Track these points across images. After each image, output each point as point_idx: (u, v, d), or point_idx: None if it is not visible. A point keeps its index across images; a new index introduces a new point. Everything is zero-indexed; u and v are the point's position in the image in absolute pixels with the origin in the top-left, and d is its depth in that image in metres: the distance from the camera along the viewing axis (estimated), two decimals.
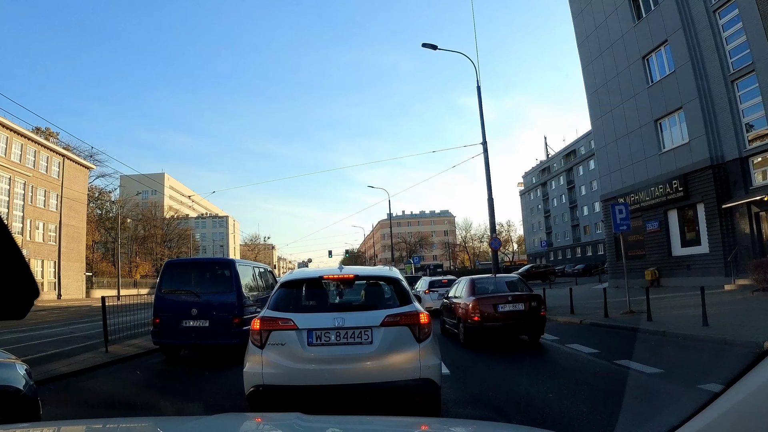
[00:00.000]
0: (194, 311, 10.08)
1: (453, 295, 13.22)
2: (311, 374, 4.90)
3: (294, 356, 4.91)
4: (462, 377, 8.01)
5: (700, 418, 1.15)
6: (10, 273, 1.13)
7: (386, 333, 4.99)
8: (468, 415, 5.62)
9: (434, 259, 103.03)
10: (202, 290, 10.45)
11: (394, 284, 5.58)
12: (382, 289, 5.71)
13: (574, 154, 79.78)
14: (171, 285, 10.65)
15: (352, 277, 5.65)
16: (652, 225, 23.32)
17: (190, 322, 10.06)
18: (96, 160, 58.24)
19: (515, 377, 7.90)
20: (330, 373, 4.89)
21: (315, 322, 5.02)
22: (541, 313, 11.25)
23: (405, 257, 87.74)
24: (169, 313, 10.21)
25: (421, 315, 5.17)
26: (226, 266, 11.02)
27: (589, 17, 28.01)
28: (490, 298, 11.44)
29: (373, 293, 5.79)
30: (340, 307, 5.84)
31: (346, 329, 4.97)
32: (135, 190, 71.62)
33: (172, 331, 10.12)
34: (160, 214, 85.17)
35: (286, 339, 4.97)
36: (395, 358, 4.97)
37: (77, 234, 53.33)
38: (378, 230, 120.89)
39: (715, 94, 20.17)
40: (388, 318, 5.05)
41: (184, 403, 6.89)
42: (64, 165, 50.80)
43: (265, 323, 5.07)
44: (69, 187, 50.78)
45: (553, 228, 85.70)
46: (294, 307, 5.35)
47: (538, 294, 11.85)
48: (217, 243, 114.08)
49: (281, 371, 4.89)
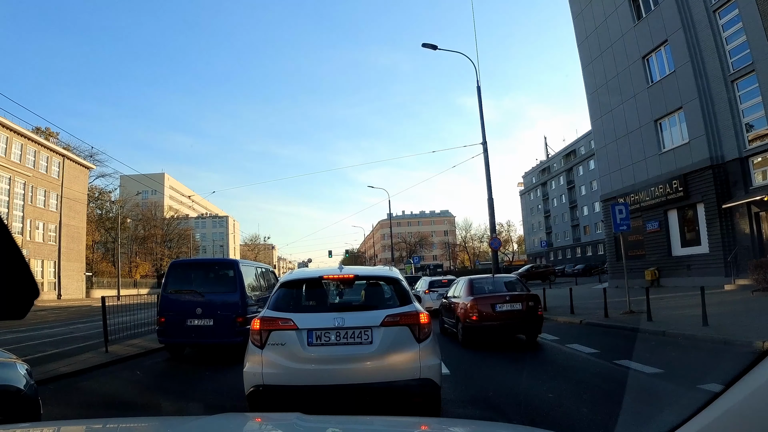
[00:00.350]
0: (199, 310, 10.26)
1: (452, 295, 13.30)
2: (311, 374, 4.85)
3: (294, 356, 4.86)
4: (462, 377, 8.01)
5: (700, 418, 1.15)
6: (10, 273, 1.13)
7: (386, 333, 4.94)
8: (468, 414, 5.58)
9: (434, 259, 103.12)
10: (206, 290, 10.65)
11: (394, 284, 5.52)
12: (382, 289, 5.66)
13: (574, 154, 79.81)
14: (176, 285, 10.82)
15: (352, 277, 5.58)
16: (652, 225, 23.34)
17: (195, 321, 10.24)
18: (96, 160, 58.29)
19: (515, 377, 7.91)
20: (330, 373, 4.84)
21: (315, 322, 4.96)
22: (538, 312, 11.35)
23: (405, 257, 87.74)
24: (174, 313, 10.41)
25: (421, 315, 5.12)
26: (230, 267, 11.27)
27: (589, 17, 28.02)
28: (488, 297, 11.53)
29: (373, 293, 5.73)
30: (340, 307, 5.78)
31: (346, 329, 4.92)
32: (135, 190, 71.63)
33: (177, 329, 10.34)
34: (160, 214, 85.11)
35: (286, 339, 4.91)
36: (395, 358, 4.92)
37: (77, 234, 53.32)
38: (378, 230, 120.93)
39: (715, 94, 20.17)
40: (388, 318, 5.00)
41: (184, 404, 6.88)
42: (64, 165, 50.79)
43: (265, 323, 5.02)
44: (69, 187, 50.77)
45: (553, 228, 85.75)
46: (294, 307, 5.30)
47: (536, 294, 11.92)
48: (217, 243, 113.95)
49: (281, 371, 4.84)
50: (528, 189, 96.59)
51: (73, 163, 52.88)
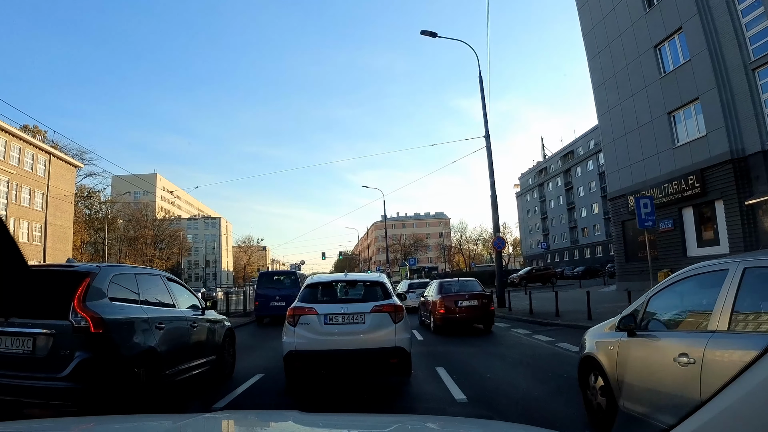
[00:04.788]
0: (277, 297, 19.84)
1: (427, 294, 16.94)
2: (326, 342, 7.16)
3: (315, 331, 7.19)
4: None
5: (696, 417, 1.16)
6: (10, 272, 1.16)
7: (374, 317, 7.29)
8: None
9: (429, 261, 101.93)
10: (281, 286, 20.82)
11: (380, 285, 7.91)
12: (373, 288, 7.91)
13: (572, 154, 78.71)
14: (263, 284, 21.44)
15: (353, 280, 8.28)
16: (665, 224, 21.98)
17: (275, 303, 19.67)
18: (84, 159, 56.63)
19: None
20: (338, 342, 7.17)
21: (328, 309, 7.34)
22: (490, 308, 14.94)
23: (400, 259, 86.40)
24: (263, 299, 20.56)
25: (396, 306, 7.44)
26: (293, 274, 22.68)
27: (596, 7, 26.76)
28: (452, 296, 14.93)
29: (366, 291, 8.02)
30: (344, 300, 7.86)
31: (348, 314, 7.28)
32: (126, 190, 70.06)
33: (265, 308, 20.44)
34: (152, 215, 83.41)
35: (310, 320, 7.25)
36: (379, 333, 7.23)
37: (64, 234, 51.73)
38: (372, 232, 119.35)
39: (735, 83, 18.93)
40: (374, 307, 7.34)
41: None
42: (50, 163, 49.21)
43: (297, 310, 7.36)
44: (55, 186, 49.21)
45: (551, 230, 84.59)
46: (315, 300, 7.64)
47: (489, 293, 15.52)
48: (209, 245, 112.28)
49: (306, 341, 7.14)
50: (525, 191, 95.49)
51: (60, 162, 51.22)
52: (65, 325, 4.95)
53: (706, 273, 3.79)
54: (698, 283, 3.96)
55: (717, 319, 3.32)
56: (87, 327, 4.98)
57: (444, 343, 12.37)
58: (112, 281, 5.71)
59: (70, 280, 5.33)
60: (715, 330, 3.31)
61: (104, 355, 5.04)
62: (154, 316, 6.16)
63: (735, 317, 3.22)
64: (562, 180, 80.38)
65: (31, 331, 4.96)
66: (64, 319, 4.96)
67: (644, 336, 4.22)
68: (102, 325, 5.07)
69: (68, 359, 4.87)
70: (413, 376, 7.75)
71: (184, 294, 7.59)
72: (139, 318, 5.82)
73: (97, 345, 5.02)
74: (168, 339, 6.25)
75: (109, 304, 5.42)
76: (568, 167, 78.21)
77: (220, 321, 8.71)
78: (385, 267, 58.27)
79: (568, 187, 78.68)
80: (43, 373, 4.87)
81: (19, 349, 4.95)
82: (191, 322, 7.24)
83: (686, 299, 4.16)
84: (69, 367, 4.83)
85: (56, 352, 4.92)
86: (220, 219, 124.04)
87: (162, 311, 6.47)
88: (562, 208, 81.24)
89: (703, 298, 3.78)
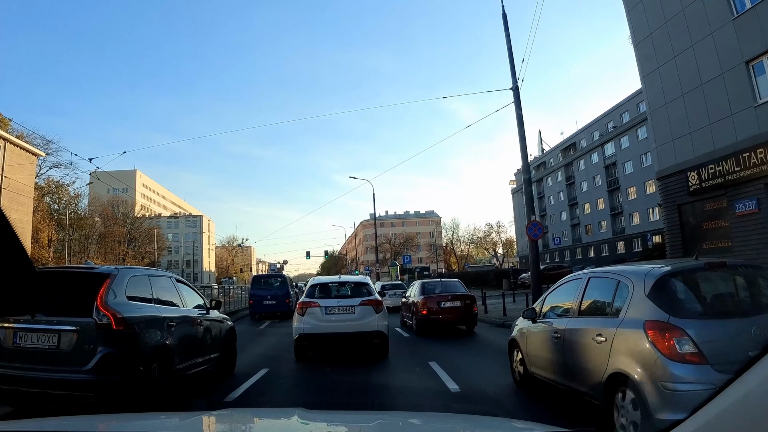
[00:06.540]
0: (269, 297, 22.81)
1: (409, 295, 17.02)
2: (326, 327, 10.14)
3: (318, 319, 10.21)
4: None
5: (702, 414, 1.15)
6: (11, 269, 1.11)
7: (361, 309, 10.31)
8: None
9: (420, 261, 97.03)
10: (272, 288, 23.63)
11: (365, 285, 11.16)
12: (360, 287, 11.10)
13: (573, 147, 74.31)
14: (257, 285, 24.17)
15: (344, 282, 12.03)
16: (745, 205, 17.07)
17: (267, 302, 22.63)
18: (49, 149, 50.98)
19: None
20: (335, 326, 10.15)
21: (328, 303, 10.49)
22: (473, 309, 15.06)
23: (389, 259, 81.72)
24: (257, 298, 22.96)
25: (377, 300, 10.58)
26: (281, 277, 26.14)
27: None
28: (435, 297, 14.99)
29: (355, 289, 11.24)
30: (339, 296, 11.07)
31: (343, 306, 10.39)
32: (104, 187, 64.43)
33: (259, 306, 22.82)
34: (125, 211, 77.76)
35: (314, 311, 10.28)
36: (366, 320, 10.22)
37: (21, 229, 45.98)
38: (360, 231, 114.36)
39: None
40: (362, 301, 10.39)
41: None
42: (5, 150, 43.74)
43: (304, 304, 10.44)
44: (11, 176, 43.80)
45: (550, 228, 79.65)
46: (317, 295, 10.76)
47: (473, 294, 15.70)
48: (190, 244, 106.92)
49: (312, 326, 10.14)
50: (521, 187, 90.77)
51: (18, 149, 45.74)
52: (89, 322, 5.44)
53: (574, 279, 6.45)
54: (571, 286, 6.35)
55: (574, 308, 5.91)
56: (109, 324, 5.48)
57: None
58: (129, 282, 6.19)
59: (92, 281, 5.82)
60: (571, 316, 5.96)
61: (124, 350, 5.57)
62: (167, 315, 6.70)
63: (581, 307, 5.81)
64: (562, 174, 75.87)
65: (57, 328, 5.41)
66: (88, 317, 5.46)
67: (539, 322, 6.78)
68: (122, 323, 5.58)
69: (92, 354, 5.37)
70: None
71: (192, 294, 8.15)
72: (153, 316, 6.38)
73: (118, 341, 5.54)
74: (178, 336, 6.77)
75: (127, 303, 5.93)
76: (569, 161, 73.76)
77: (224, 320, 9.33)
78: (374, 267, 54.04)
79: (569, 182, 74.18)
80: (68, 366, 5.35)
81: (45, 344, 5.40)
82: (198, 321, 7.74)
83: (564, 296, 6.51)
84: (93, 361, 5.34)
85: (80, 347, 5.41)
86: (202, 217, 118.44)
87: (173, 310, 7.02)
88: (562, 204, 76.77)
89: (571, 296, 6.18)
